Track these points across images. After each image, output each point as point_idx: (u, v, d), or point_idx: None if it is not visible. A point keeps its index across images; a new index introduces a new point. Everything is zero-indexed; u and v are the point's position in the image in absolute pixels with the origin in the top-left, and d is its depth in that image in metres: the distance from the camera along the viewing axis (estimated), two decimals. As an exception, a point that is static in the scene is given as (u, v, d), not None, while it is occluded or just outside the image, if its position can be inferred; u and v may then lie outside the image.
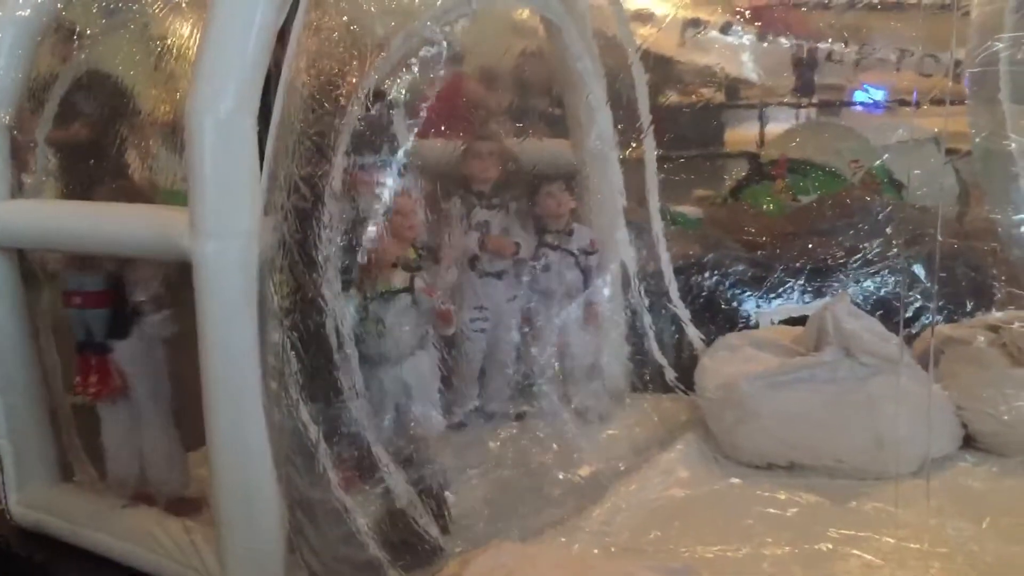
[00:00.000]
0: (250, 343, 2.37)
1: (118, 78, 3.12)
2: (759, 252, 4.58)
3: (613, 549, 2.86)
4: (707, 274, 4.34)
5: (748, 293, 4.35)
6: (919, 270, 4.11)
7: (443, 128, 3.49)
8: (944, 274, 4.26)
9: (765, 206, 5.35)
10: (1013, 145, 4.43)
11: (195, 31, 2.66)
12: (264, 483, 2.46)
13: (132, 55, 3.04)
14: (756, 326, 4.24)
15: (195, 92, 2.34)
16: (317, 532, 2.47)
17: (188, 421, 3.01)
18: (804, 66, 7.85)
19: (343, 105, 2.42)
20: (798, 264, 4.40)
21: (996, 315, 3.89)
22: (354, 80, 2.43)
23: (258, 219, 2.38)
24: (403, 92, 3.08)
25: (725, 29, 7.57)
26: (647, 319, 4.03)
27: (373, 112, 2.60)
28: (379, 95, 2.69)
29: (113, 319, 3.00)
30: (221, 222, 2.37)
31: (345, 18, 2.45)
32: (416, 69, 2.61)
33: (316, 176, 2.40)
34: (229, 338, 2.39)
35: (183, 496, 3.09)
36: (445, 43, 2.90)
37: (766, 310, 4.32)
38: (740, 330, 4.10)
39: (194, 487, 3.10)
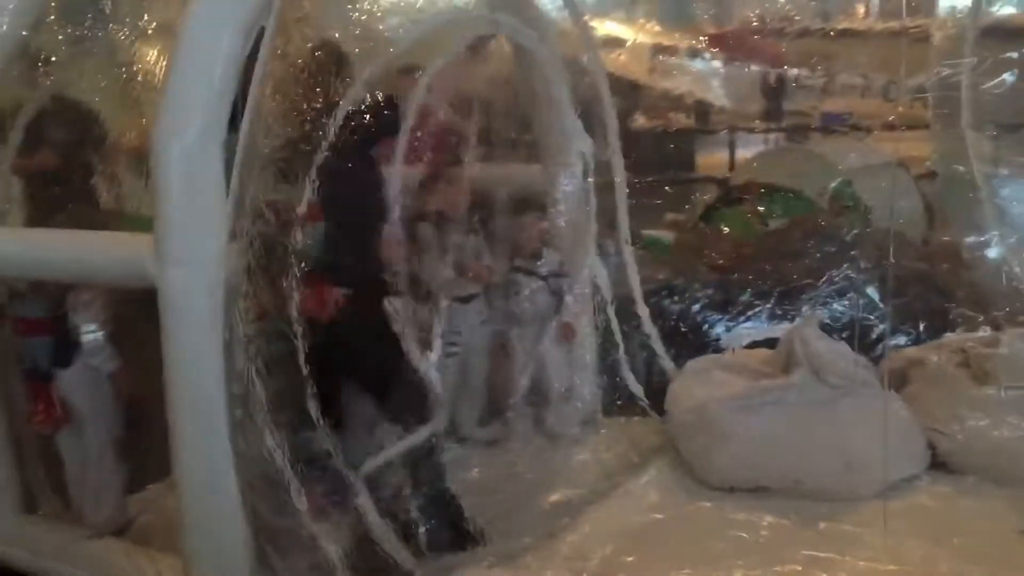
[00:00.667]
0: (216, 370, 2.36)
1: (84, 104, 3.11)
2: (729, 275, 4.62)
3: (584, 575, 2.86)
4: (677, 298, 4.36)
5: (718, 316, 4.38)
6: (873, 293, 4.16)
7: (416, 155, 3.50)
8: (910, 297, 4.32)
9: (734, 230, 5.40)
10: (975, 170, 4.52)
11: (162, 58, 2.66)
12: (231, 512, 2.43)
13: (98, 81, 3.03)
14: (725, 349, 4.26)
15: (162, 119, 2.34)
16: (284, 561, 2.45)
17: (141, 454, 2.98)
18: (772, 92, 8.01)
19: (308, 131, 2.42)
20: (767, 287, 4.44)
21: (961, 336, 3.93)
22: (318, 106, 2.43)
23: (224, 245, 2.37)
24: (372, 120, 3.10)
25: (694, 56, 7.70)
26: (619, 343, 4.04)
27: (343, 140, 2.61)
28: (348, 122, 2.70)
29: (56, 347, 2.97)
30: (187, 248, 2.36)
31: (310, 45, 2.46)
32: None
33: (281, 202, 2.40)
34: (194, 365, 2.37)
35: (116, 532, 3.03)
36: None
37: (736, 333, 4.35)
38: (710, 353, 4.12)
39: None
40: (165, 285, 2.36)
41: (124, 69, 2.82)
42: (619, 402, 3.99)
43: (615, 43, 6.72)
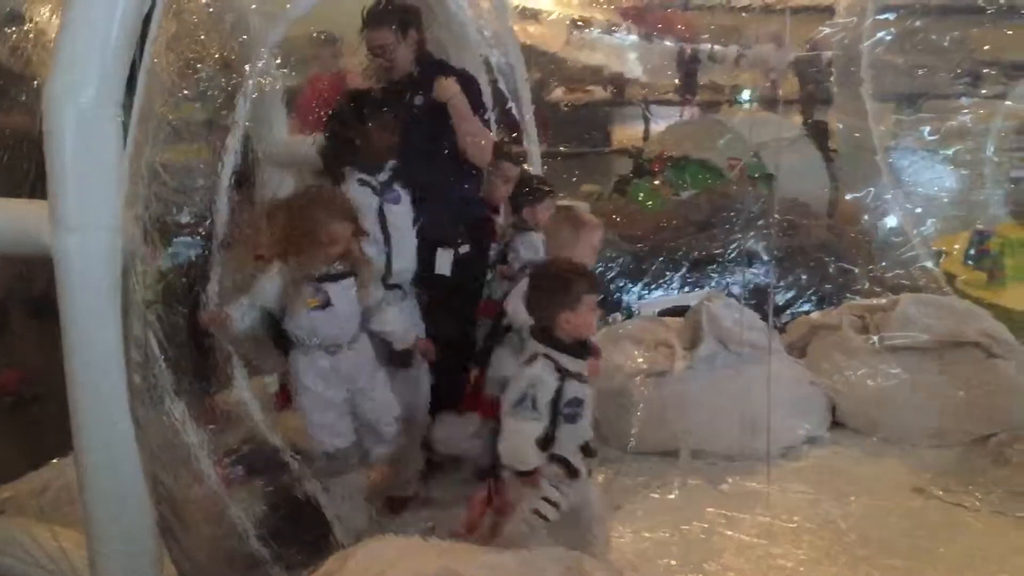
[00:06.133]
0: (114, 338, 2.29)
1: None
2: (641, 245, 4.69)
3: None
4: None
5: (630, 285, 4.44)
6: (778, 261, 4.26)
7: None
8: (814, 264, 4.46)
9: (647, 201, 5.48)
10: (876, 142, 4.68)
11: (54, 16, 2.54)
12: (134, 482, 2.37)
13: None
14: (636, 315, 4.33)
15: (54, 80, 2.24)
16: (187, 531, 2.40)
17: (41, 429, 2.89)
18: (686, 65, 8.09)
19: (203, 90, 2.36)
20: (678, 256, 4.53)
21: (861, 302, 4.07)
22: (213, 64, 2.36)
23: (121, 211, 2.29)
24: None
25: (610, 29, 7.75)
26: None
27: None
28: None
29: None
30: (83, 215, 2.26)
31: (204, 0, 2.38)
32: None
33: (178, 163, 2.34)
34: (93, 334, 2.29)
35: None
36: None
37: (647, 301, 4.42)
38: (622, 321, 4.18)
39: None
40: (61, 254, 2.26)
41: (14, 29, 2.68)
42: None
43: (533, 15, 6.72)
